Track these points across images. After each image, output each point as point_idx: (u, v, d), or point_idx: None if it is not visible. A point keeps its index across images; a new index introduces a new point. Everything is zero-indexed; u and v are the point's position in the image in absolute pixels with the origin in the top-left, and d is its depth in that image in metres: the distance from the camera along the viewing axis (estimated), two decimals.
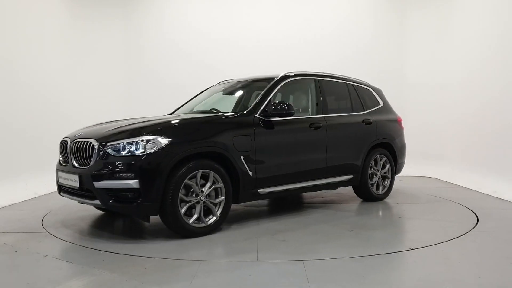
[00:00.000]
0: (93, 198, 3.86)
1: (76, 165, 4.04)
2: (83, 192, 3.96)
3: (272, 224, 4.52)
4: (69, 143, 4.20)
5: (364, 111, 5.71)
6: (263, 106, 4.56)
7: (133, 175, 3.66)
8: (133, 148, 3.74)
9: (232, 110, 5.12)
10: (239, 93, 5.47)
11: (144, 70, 9.02)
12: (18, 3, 6.59)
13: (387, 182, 5.88)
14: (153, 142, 3.76)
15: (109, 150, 3.77)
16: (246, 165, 4.25)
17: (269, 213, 5.17)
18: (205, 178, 4.01)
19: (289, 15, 8.96)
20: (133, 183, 3.65)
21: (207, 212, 4.06)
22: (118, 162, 3.72)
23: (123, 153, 3.74)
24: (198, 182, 3.93)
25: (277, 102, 4.55)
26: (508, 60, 6.29)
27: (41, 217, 4.87)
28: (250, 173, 4.28)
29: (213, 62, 8.77)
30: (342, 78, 5.73)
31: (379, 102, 6.03)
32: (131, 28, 9.04)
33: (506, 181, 6.08)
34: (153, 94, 8.84)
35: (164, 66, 8.93)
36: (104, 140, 3.85)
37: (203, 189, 3.96)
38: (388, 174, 5.89)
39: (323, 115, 5.12)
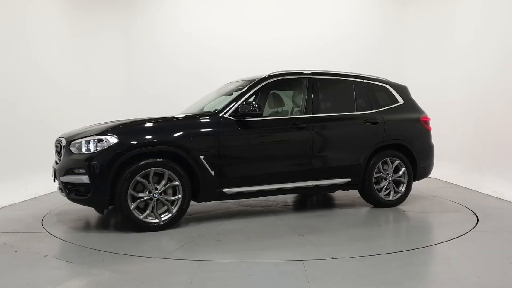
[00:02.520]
0: (62, 190, 4.36)
1: (57, 161, 4.58)
2: (58, 185, 4.46)
3: (234, 223, 4.54)
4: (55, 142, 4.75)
5: (373, 110, 5.33)
6: (235, 106, 4.58)
7: (84, 171, 4.05)
8: (88, 146, 4.11)
9: None
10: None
11: (145, 70, 9.01)
12: (18, 3, 6.59)
13: (402, 187, 5.39)
14: (104, 142, 4.07)
15: (72, 148, 4.21)
16: (206, 165, 4.33)
17: (249, 213, 5.10)
18: (163, 176, 4.22)
19: (289, 15, 8.98)
20: (84, 178, 4.05)
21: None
22: (76, 159, 4.14)
23: (83, 150, 4.13)
24: (151, 179, 4.12)
25: (249, 102, 4.54)
26: (508, 60, 6.29)
27: (41, 217, 4.88)
28: (212, 172, 4.35)
29: (214, 63, 8.78)
30: (348, 75, 5.43)
31: (397, 100, 5.57)
32: (132, 28, 9.03)
33: (506, 181, 6.08)
34: (155, 95, 8.85)
35: (165, 67, 8.93)
36: (69, 139, 4.31)
37: (157, 187, 4.15)
38: (403, 178, 5.39)
39: (310, 115, 4.94)
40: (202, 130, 4.39)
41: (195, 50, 8.89)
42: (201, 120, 4.49)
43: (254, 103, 4.53)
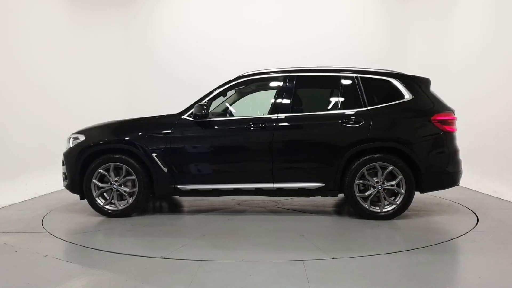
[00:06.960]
0: None
1: None
2: None
3: (178, 218, 4.89)
4: None
5: (361, 108, 4.68)
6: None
7: (64, 162, 4.93)
8: (69, 142, 4.93)
9: None
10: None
11: (145, 70, 9.04)
12: (19, 2, 6.59)
13: (399, 198, 4.60)
14: (77, 139, 4.89)
15: (67, 144, 4.99)
16: (159, 162, 4.72)
17: (220, 212, 5.09)
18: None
19: (289, 13, 9.00)
20: (64, 168, 4.94)
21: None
22: (64, 153, 4.98)
23: (69, 145, 4.93)
24: (111, 172, 4.75)
25: (202, 104, 4.69)
26: (508, 59, 6.29)
27: (41, 217, 4.88)
28: (165, 169, 4.72)
29: (214, 62, 8.80)
30: (337, 70, 4.93)
31: (403, 96, 4.72)
32: (132, 27, 9.04)
33: (506, 181, 6.08)
34: (155, 95, 8.88)
35: (165, 66, 8.95)
36: (70, 136, 5.03)
37: (116, 179, 4.75)
38: (400, 188, 4.58)
39: (273, 115, 4.73)
40: (155, 130, 4.82)
41: (195, 50, 8.90)
42: (157, 121, 4.93)
43: (203, 104, 4.70)
